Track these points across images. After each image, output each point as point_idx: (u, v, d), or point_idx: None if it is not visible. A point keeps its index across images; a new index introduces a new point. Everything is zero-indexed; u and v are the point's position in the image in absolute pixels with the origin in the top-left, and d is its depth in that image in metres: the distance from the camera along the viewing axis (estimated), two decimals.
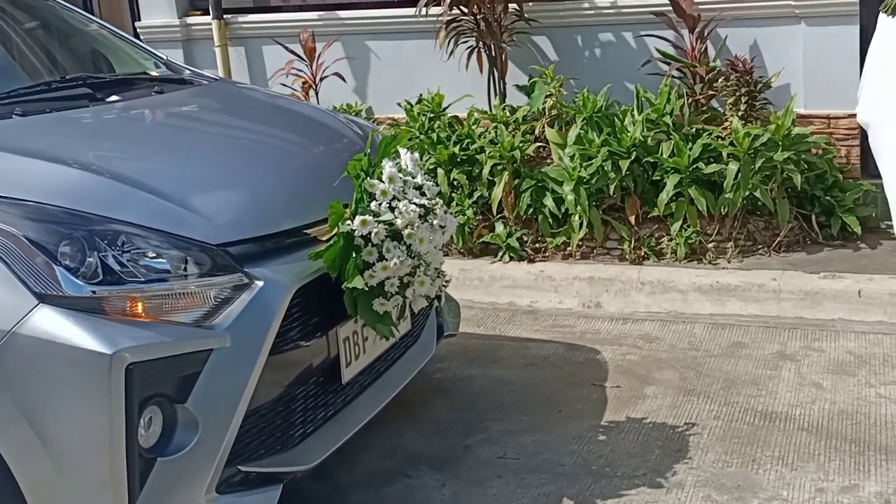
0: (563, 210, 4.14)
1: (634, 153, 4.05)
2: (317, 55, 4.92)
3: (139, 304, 1.94)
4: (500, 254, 4.17)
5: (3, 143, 2.16)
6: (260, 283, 2.08)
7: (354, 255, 2.28)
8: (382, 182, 2.32)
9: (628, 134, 4.09)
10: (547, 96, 4.51)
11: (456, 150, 4.35)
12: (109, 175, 2.11)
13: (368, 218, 2.27)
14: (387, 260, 2.27)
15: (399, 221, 2.29)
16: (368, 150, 2.41)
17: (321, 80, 4.92)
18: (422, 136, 4.43)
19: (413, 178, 2.41)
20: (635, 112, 4.26)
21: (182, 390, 1.94)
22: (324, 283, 2.26)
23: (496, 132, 4.43)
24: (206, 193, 2.21)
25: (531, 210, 4.21)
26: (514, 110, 4.64)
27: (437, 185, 2.56)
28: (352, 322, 2.37)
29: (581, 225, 4.07)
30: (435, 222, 2.40)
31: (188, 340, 1.95)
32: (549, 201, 4.15)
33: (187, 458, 1.93)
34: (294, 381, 2.21)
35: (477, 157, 4.35)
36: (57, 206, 1.95)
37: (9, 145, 2.15)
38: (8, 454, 1.84)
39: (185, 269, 2.02)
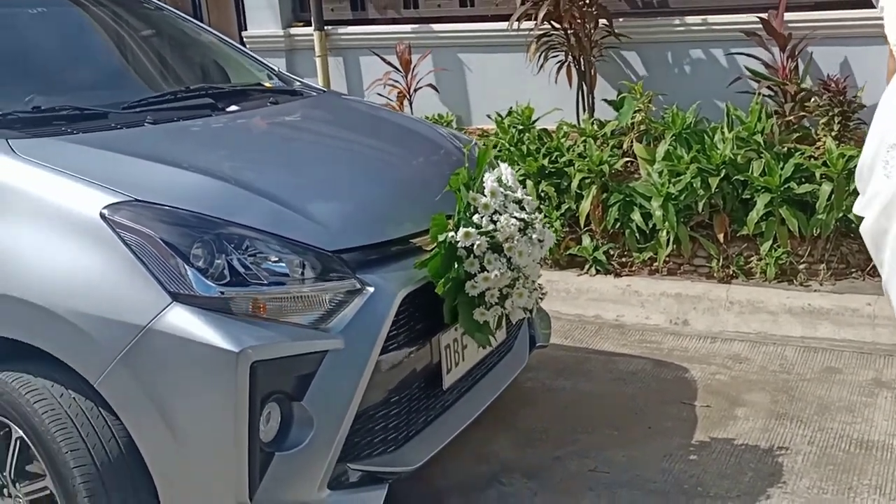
0: (650, 225, 4.15)
1: (724, 171, 4.03)
2: (412, 67, 5.03)
3: (261, 306, 2.04)
4: (587, 267, 4.20)
5: (138, 150, 2.30)
6: (371, 289, 2.16)
7: (457, 266, 2.36)
8: (485, 196, 2.39)
9: (718, 151, 4.08)
10: (636, 111, 4.53)
11: (545, 162, 4.41)
12: (234, 182, 2.22)
13: (471, 230, 2.33)
14: (488, 271, 2.34)
15: (500, 235, 2.36)
16: (468, 164, 2.48)
17: (415, 90, 5.03)
18: (511, 148, 4.50)
19: (513, 192, 2.47)
20: (725, 129, 4.24)
21: (299, 389, 2.03)
22: (427, 291, 2.33)
23: (585, 146, 4.46)
24: (321, 201, 2.31)
25: (618, 224, 4.24)
26: (602, 125, 4.67)
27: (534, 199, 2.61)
28: (452, 330, 2.44)
29: (668, 241, 4.07)
30: (534, 236, 2.46)
31: (306, 341, 2.04)
32: (636, 216, 4.17)
33: (303, 454, 2.02)
34: (399, 384, 2.29)
35: (566, 169, 4.39)
36: (188, 210, 2.06)
37: (143, 152, 2.30)
38: (141, 442, 1.96)
39: (303, 274, 2.11)
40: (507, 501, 2.58)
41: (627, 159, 4.44)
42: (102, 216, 2.00)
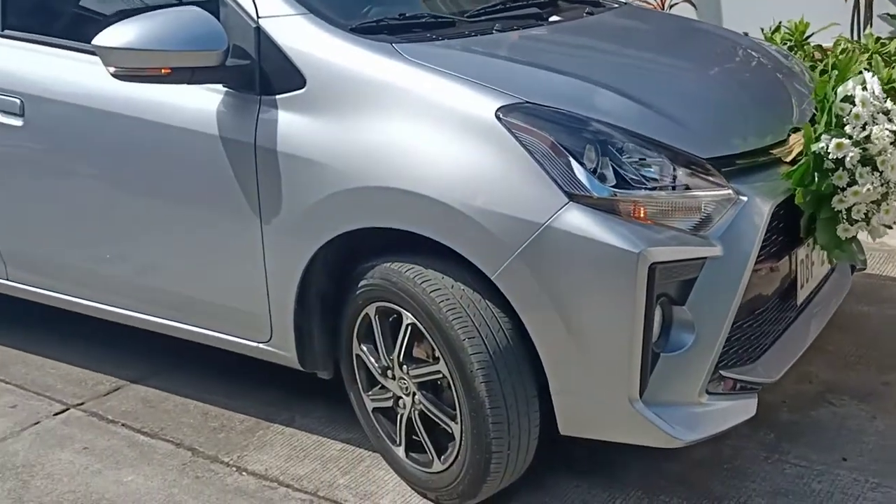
0: None
1: None
2: None
3: (642, 209, 2.05)
4: None
5: (505, 55, 2.35)
6: (745, 199, 2.13)
7: (819, 179, 2.27)
8: (855, 105, 2.28)
9: None
10: None
11: None
12: (606, 87, 2.22)
13: (845, 141, 2.24)
14: (859, 185, 2.24)
15: (873, 147, 2.25)
16: (833, 73, 2.37)
17: (671, 6, 4.86)
18: None
19: (881, 102, 2.35)
20: None
21: (681, 293, 2.05)
22: (784, 205, 2.27)
23: (870, 63, 4.17)
24: (688, 109, 2.27)
25: None
26: (885, 42, 4.34)
27: None
28: (805, 245, 2.38)
29: None
30: None
31: (691, 246, 2.04)
32: None
33: (685, 357, 2.05)
34: (763, 296, 2.26)
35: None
36: (575, 113, 2.09)
37: (510, 57, 2.35)
38: (536, 334, 2.05)
39: (679, 179, 2.10)
40: (844, 422, 2.53)
41: None
42: (497, 117, 2.05)
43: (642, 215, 2.06)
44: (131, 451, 2.65)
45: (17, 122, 2.76)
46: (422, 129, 2.13)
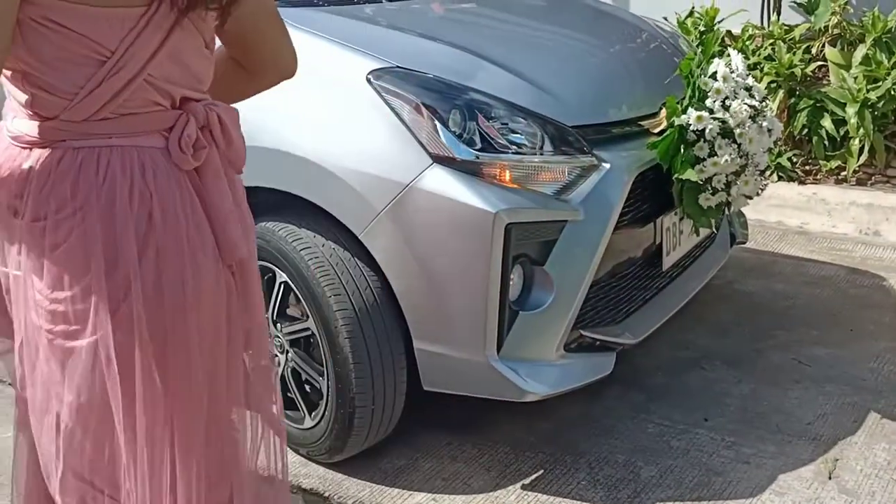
0: (841, 133, 4.01)
1: None
2: None
3: (507, 173, 2.13)
4: (769, 172, 4.11)
5: (386, 23, 2.40)
6: (607, 166, 2.21)
7: (684, 149, 2.38)
8: (717, 81, 2.38)
9: None
10: (830, 14, 4.33)
11: None
12: (480, 55, 2.28)
13: (704, 114, 2.34)
14: (717, 156, 2.35)
15: (731, 120, 2.36)
16: (699, 50, 2.47)
17: None
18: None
19: (743, 79, 2.45)
20: None
21: (541, 254, 2.12)
22: (651, 174, 2.37)
23: (773, 49, 4.31)
24: (558, 78, 2.35)
25: (806, 131, 4.11)
26: (790, 28, 4.48)
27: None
28: (672, 214, 2.48)
29: (862, 150, 3.94)
30: (764, 124, 2.44)
31: (550, 209, 2.12)
32: (827, 123, 4.04)
33: (544, 315, 2.13)
34: (626, 260, 2.36)
35: (751, 73, 4.26)
36: (443, 78, 2.15)
37: (391, 25, 2.40)
38: (398, 290, 2.11)
39: (543, 146, 2.18)
40: (711, 386, 2.64)
41: (819, 64, 4.27)
42: (368, 80, 2.11)
43: (508, 179, 2.13)
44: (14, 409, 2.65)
45: None
46: (295, 90, 2.15)
